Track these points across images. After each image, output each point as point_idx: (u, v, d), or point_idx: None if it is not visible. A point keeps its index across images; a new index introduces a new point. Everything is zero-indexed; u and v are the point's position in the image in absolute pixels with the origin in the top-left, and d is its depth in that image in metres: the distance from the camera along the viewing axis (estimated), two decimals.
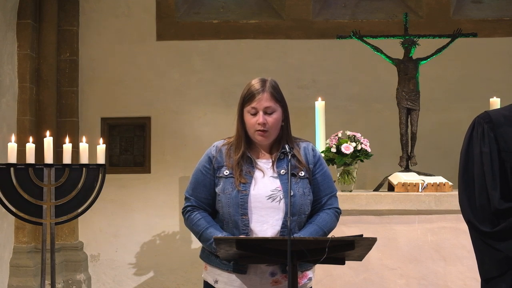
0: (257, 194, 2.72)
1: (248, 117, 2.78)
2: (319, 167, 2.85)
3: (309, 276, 2.88)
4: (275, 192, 2.74)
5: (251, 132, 2.78)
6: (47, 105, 6.46)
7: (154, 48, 6.84)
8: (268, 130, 2.76)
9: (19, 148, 4.78)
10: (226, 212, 2.74)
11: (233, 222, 2.73)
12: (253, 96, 2.77)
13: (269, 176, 2.77)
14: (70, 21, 6.69)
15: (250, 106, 2.77)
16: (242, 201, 2.71)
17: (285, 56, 6.81)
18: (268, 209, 2.73)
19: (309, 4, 6.91)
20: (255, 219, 2.72)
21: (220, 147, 2.85)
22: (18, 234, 6.22)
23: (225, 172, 2.77)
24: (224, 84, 6.78)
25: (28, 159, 4.68)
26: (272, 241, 2.69)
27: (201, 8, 7.06)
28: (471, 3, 7.04)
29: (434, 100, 6.41)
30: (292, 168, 2.74)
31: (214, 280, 2.82)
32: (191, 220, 2.80)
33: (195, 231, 2.79)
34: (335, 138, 4.80)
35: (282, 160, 2.79)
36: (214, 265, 2.81)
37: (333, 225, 2.86)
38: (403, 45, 5.23)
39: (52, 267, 4.81)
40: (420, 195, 4.52)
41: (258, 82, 2.83)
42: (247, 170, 2.75)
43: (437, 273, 4.46)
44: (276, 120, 2.77)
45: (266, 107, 2.76)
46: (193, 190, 2.83)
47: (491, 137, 2.64)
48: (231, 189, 2.73)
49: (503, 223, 2.52)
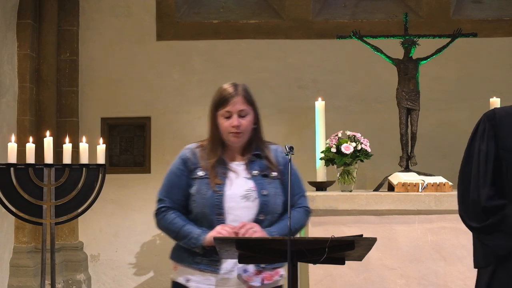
0: (232, 194, 2.81)
1: (222, 121, 2.86)
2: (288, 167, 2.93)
3: (280, 273, 2.95)
4: (249, 192, 2.82)
5: (225, 134, 2.86)
6: (47, 105, 6.46)
7: (154, 48, 6.84)
8: (242, 132, 2.85)
9: (19, 148, 4.78)
10: (201, 212, 2.81)
11: (208, 222, 2.80)
12: (227, 100, 2.85)
13: (242, 177, 2.86)
14: (70, 21, 6.69)
15: (224, 110, 2.85)
16: (218, 201, 2.79)
17: (285, 56, 6.81)
18: (242, 208, 2.81)
19: (309, 4, 6.91)
20: (230, 218, 2.80)
21: (194, 150, 2.92)
22: (18, 234, 6.22)
23: (200, 174, 2.84)
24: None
25: (28, 159, 4.68)
26: (272, 241, 2.70)
27: (201, 8, 7.06)
28: (471, 3, 7.04)
29: (434, 100, 6.41)
30: (265, 169, 2.87)
31: (186, 280, 2.86)
32: (166, 219, 2.85)
33: (171, 229, 2.84)
34: (335, 138, 4.80)
35: (254, 162, 2.89)
36: (186, 265, 2.86)
37: (303, 223, 2.97)
38: (403, 45, 5.23)
39: (52, 267, 4.81)
40: (420, 195, 4.52)
41: (230, 86, 2.91)
42: (221, 171, 2.84)
43: (437, 273, 4.46)
44: (249, 122, 2.87)
45: (240, 110, 2.85)
46: (167, 192, 2.89)
47: (490, 135, 2.73)
48: (206, 190, 2.81)
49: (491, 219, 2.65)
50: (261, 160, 2.90)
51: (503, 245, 2.67)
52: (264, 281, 2.88)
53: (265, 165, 2.88)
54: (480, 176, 2.71)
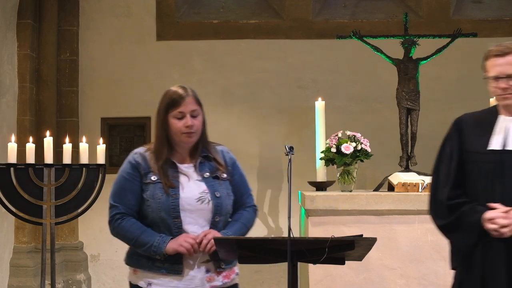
0: (187, 198, 2.83)
1: (174, 122, 2.86)
2: (235, 168, 3.00)
3: (236, 271, 3.01)
4: (203, 195, 2.85)
5: (178, 135, 2.86)
6: (47, 105, 6.46)
7: (154, 48, 6.84)
8: (195, 132, 2.87)
9: (19, 148, 4.78)
10: (157, 217, 2.82)
11: (165, 226, 2.82)
12: (179, 101, 2.87)
13: (194, 179, 2.88)
14: (70, 21, 6.69)
15: (176, 111, 2.86)
16: (174, 205, 2.81)
17: (285, 56, 6.81)
18: (198, 211, 2.83)
19: (309, 4, 6.91)
20: (187, 221, 2.82)
21: (143, 154, 2.91)
22: (18, 234, 6.22)
23: (153, 178, 2.84)
24: (224, 84, 6.78)
25: (28, 159, 4.68)
26: (272, 241, 2.70)
27: (201, 8, 7.06)
28: (471, 3, 7.04)
29: (434, 100, 6.41)
30: (215, 170, 2.90)
31: (147, 283, 2.86)
32: (123, 227, 2.85)
33: (129, 237, 2.84)
34: (335, 138, 4.80)
35: (203, 163, 2.91)
36: (146, 269, 2.86)
37: (253, 222, 3.05)
38: (403, 45, 5.23)
39: (52, 267, 4.81)
40: (420, 195, 4.52)
41: (180, 88, 2.94)
42: (172, 175, 2.85)
43: (437, 273, 4.46)
44: (201, 122, 2.91)
45: (192, 110, 2.88)
46: (120, 198, 2.87)
47: (455, 138, 2.93)
48: (161, 194, 2.81)
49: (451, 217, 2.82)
50: (209, 162, 2.93)
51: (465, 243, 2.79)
52: (223, 280, 2.92)
53: (215, 166, 2.92)
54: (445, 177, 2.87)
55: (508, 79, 2.82)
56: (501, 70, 2.84)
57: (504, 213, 2.68)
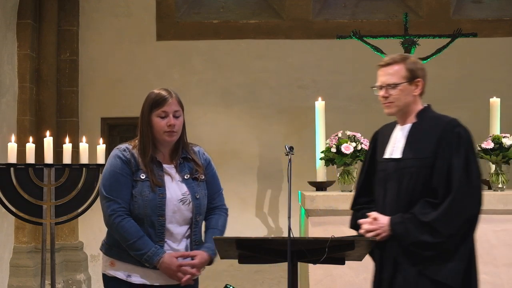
0: (171, 197, 2.96)
1: (157, 121, 2.98)
2: (209, 167, 3.13)
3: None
4: (185, 196, 2.98)
5: (160, 133, 2.98)
6: (47, 105, 6.46)
7: (154, 48, 6.84)
8: (176, 132, 2.99)
9: (19, 148, 4.78)
10: (142, 213, 2.93)
11: (149, 222, 2.92)
12: (163, 101, 3.00)
13: (176, 180, 3.01)
14: (70, 21, 6.70)
15: (160, 110, 2.98)
16: (160, 203, 2.93)
17: (285, 56, 6.82)
18: (179, 211, 2.96)
19: (309, 4, 6.91)
20: (169, 219, 2.94)
21: (131, 151, 3.01)
22: (18, 234, 6.22)
23: (142, 176, 2.95)
24: (224, 84, 6.78)
25: (28, 159, 4.68)
26: (272, 241, 2.71)
27: (201, 8, 7.06)
28: (471, 3, 7.05)
29: (434, 100, 6.38)
30: (194, 172, 3.04)
31: (127, 275, 2.95)
32: (122, 226, 2.91)
33: (125, 238, 2.91)
34: (335, 138, 4.80)
35: (183, 164, 3.04)
36: (126, 261, 2.94)
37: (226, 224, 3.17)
38: (403, 45, 5.24)
39: (52, 267, 4.81)
40: None
41: (163, 90, 3.06)
42: (158, 174, 2.98)
43: None
44: (182, 123, 3.04)
45: (175, 110, 3.00)
46: (117, 192, 2.95)
47: (370, 148, 3.18)
48: (148, 192, 2.93)
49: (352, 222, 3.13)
50: (189, 163, 3.05)
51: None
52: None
53: (193, 168, 3.04)
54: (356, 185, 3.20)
55: (388, 88, 3.04)
56: (383, 80, 3.08)
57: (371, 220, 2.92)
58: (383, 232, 2.88)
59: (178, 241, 2.96)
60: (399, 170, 2.94)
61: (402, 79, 3.04)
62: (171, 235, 2.95)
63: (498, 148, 4.65)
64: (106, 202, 2.95)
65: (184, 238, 2.97)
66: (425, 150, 2.92)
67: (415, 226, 2.83)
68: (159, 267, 2.89)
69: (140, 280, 2.93)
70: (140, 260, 2.90)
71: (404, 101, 3.07)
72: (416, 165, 2.91)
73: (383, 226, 2.88)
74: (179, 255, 2.91)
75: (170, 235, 2.95)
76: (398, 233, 2.86)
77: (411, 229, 2.83)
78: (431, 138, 2.94)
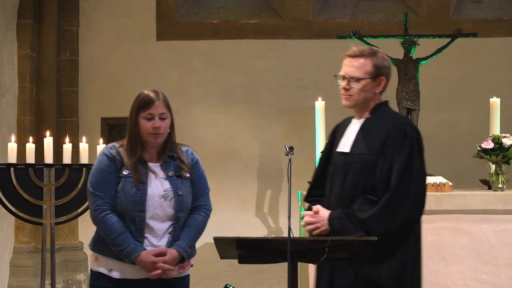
0: (153, 194, 3.03)
1: (143, 122, 3.05)
2: (196, 167, 3.18)
3: (191, 263, 3.18)
4: (167, 192, 3.05)
5: (146, 135, 3.05)
6: (47, 105, 6.46)
7: (154, 48, 6.84)
8: (162, 134, 3.06)
9: (19, 148, 4.78)
10: (124, 209, 3.01)
11: (130, 218, 3.01)
12: (150, 103, 3.05)
13: (160, 177, 3.07)
14: (70, 21, 6.70)
15: (146, 112, 3.04)
16: (141, 199, 3.01)
17: (285, 56, 6.82)
18: (161, 207, 3.04)
19: (309, 4, 6.92)
20: (150, 215, 3.02)
21: (118, 149, 3.10)
22: (18, 234, 6.22)
23: (125, 172, 3.04)
24: (224, 84, 6.78)
25: (28, 159, 4.68)
26: (272, 241, 2.71)
27: (201, 8, 7.06)
28: (471, 3, 7.05)
29: (434, 100, 6.41)
30: (178, 170, 3.10)
31: (108, 269, 3.06)
32: (105, 222, 3.01)
33: (107, 233, 3.02)
34: None
35: (169, 163, 3.11)
36: (109, 256, 3.05)
37: (205, 225, 3.19)
38: (403, 45, 5.23)
39: (52, 267, 4.81)
40: None
41: (151, 91, 3.10)
42: (142, 171, 3.05)
43: (437, 273, 4.46)
44: (168, 125, 3.11)
45: (161, 113, 3.06)
46: (103, 188, 3.04)
47: (329, 142, 3.16)
48: (130, 188, 3.01)
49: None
50: (175, 161, 3.11)
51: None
52: (180, 270, 3.10)
53: (179, 166, 3.11)
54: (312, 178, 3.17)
55: (351, 81, 2.98)
56: (347, 71, 3.03)
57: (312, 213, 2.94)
58: (322, 226, 2.88)
59: (159, 237, 3.03)
60: (346, 164, 2.93)
61: (367, 74, 2.98)
62: (152, 231, 3.02)
63: (498, 148, 4.65)
64: (92, 198, 3.05)
65: (165, 235, 3.05)
66: (372, 146, 2.91)
67: (351, 222, 2.82)
68: (137, 263, 2.98)
69: (119, 275, 3.04)
70: (119, 256, 2.99)
71: (363, 96, 3.01)
72: (362, 160, 2.89)
73: (322, 220, 2.89)
74: (155, 253, 2.99)
75: (151, 231, 3.02)
76: (335, 228, 2.85)
77: (347, 225, 2.83)
78: (380, 135, 2.92)
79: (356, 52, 2.99)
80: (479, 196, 4.48)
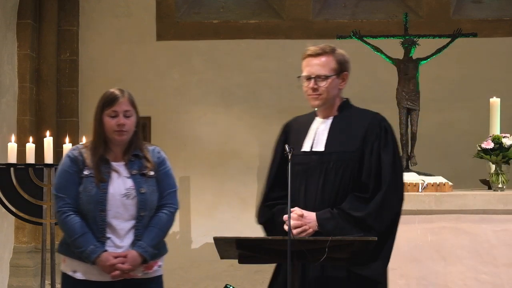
0: (114, 193, 3.02)
1: (107, 120, 3.05)
2: (162, 166, 3.17)
3: (159, 263, 3.16)
4: (129, 191, 3.04)
5: (110, 132, 3.05)
6: (47, 105, 6.46)
7: (154, 48, 6.84)
8: (126, 131, 3.05)
9: (19, 148, 4.78)
10: (86, 209, 3.02)
11: (92, 218, 3.02)
12: (114, 100, 3.05)
13: (123, 176, 3.07)
14: (70, 21, 6.70)
15: (111, 110, 3.04)
16: (102, 199, 3.01)
17: (285, 56, 6.81)
18: (123, 206, 3.03)
19: (309, 4, 6.91)
20: (112, 214, 3.02)
21: (81, 150, 3.12)
22: (18, 234, 6.22)
23: (86, 172, 3.04)
24: (224, 84, 6.78)
25: (28, 159, 4.68)
26: (272, 241, 2.70)
27: (201, 8, 7.06)
28: (471, 3, 7.05)
29: (434, 100, 6.41)
30: (143, 168, 3.09)
31: (73, 271, 3.09)
32: (66, 223, 3.05)
33: (69, 235, 3.05)
34: None
35: (133, 161, 3.10)
36: (74, 257, 3.07)
37: (170, 224, 3.21)
38: (403, 45, 5.23)
39: (52, 267, 4.81)
40: (420, 195, 4.51)
41: (117, 89, 3.11)
42: (104, 170, 3.05)
43: (437, 273, 4.46)
44: (133, 123, 3.08)
45: (125, 110, 3.05)
46: (65, 189, 3.06)
47: (281, 140, 3.09)
48: (91, 188, 3.02)
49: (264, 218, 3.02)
50: (140, 160, 3.10)
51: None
52: (144, 271, 3.08)
53: (143, 164, 3.09)
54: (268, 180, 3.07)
55: (318, 80, 2.96)
56: (312, 71, 2.98)
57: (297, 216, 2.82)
58: (310, 228, 2.82)
59: (121, 237, 3.02)
60: (324, 163, 2.88)
61: (332, 71, 3.00)
62: (114, 231, 3.02)
63: (498, 148, 4.65)
64: (55, 200, 3.08)
65: (128, 234, 3.04)
66: (351, 143, 2.89)
67: (347, 222, 2.79)
68: (97, 265, 2.99)
69: (83, 276, 3.06)
70: (80, 257, 3.01)
71: (331, 94, 3.01)
72: (342, 158, 2.86)
73: (310, 222, 2.81)
74: (116, 255, 2.98)
75: (113, 230, 3.02)
76: (328, 230, 2.79)
77: (342, 224, 2.78)
78: (357, 131, 2.93)
79: (318, 50, 2.98)
80: (479, 196, 4.48)
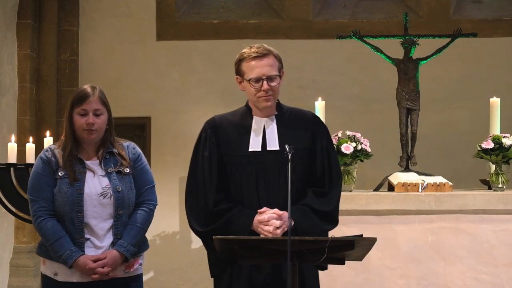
0: (90, 192, 2.98)
1: (77, 118, 3.02)
2: (138, 162, 3.13)
3: (140, 261, 3.15)
4: (106, 190, 3.00)
5: (80, 131, 3.02)
6: (47, 105, 6.47)
7: (154, 48, 6.84)
8: (96, 130, 3.02)
9: (19, 148, 4.78)
10: (62, 210, 2.97)
11: (69, 219, 2.97)
12: (84, 99, 3.03)
13: (98, 175, 3.03)
14: (70, 21, 6.70)
15: (80, 108, 3.01)
16: (78, 199, 2.96)
17: (285, 56, 6.73)
18: (100, 205, 2.99)
19: (309, 4, 6.92)
20: (89, 215, 2.98)
21: (54, 150, 3.07)
22: (18, 234, 6.22)
23: (60, 174, 3.00)
24: (224, 84, 6.78)
25: (28, 159, 4.67)
26: (272, 241, 2.70)
27: (201, 8, 7.06)
28: (471, 3, 7.05)
29: (434, 100, 6.41)
30: (118, 166, 3.05)
31: (54, 273, 3.04)
32: (42, 227, 2.99)
33: (46, 238, 3.00)
34: (335, 138, 4.79)
35: (108, 159, 3.06)
36: (53, 259, 3.02)
37: (150, 220, 3.13)
38: (403, 45, 5.23)
39: None
40: (420, 195, 4.52)
41: (88, 87, 3.10)
42: (79, 170, 3.01)
43: (437, 273, 4.46)
44: (103, 121, 3.06)
45: (95, 109, 3.03)
46: (39, 192, 3.01)
47: (212, 141, 2.93)
48: (67, 189, 2.97)
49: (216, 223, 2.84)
50: (114, 157, 3.06)
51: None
52: (126, 270, 3.06)
53: (119, 162, 3.06)
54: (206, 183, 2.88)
55: (269, 80, 2.94)
56: (263, 72, 2.97)
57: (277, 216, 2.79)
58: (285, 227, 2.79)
59: (101, 237, 2.98)
60: (281, 162, 2.84)
61: (278, 70, 3.01)
62: (93, 231, 2.98)
63: (498, 148, 4.65)
64: (30, 203, 3.03)
65: (108, 234, 3.00)
66: (301, 141, 2.93)
67: (318, 217, 2.85)
68: (76, 269, 2.95)
69: (64, 278, 3.01)
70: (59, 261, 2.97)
71: (278, 92, 3.02)
72: (298, 156, 2.83)
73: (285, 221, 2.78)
74: (94, 258, 2.95)
75: (92, 231, 2.98)
76: (304, 226, 2.81)
77: (315, 220, 2.84)
78: (302, 129, 2.96)
79: (264, 51, 3.01)
80: (479, 196, 4.49)
